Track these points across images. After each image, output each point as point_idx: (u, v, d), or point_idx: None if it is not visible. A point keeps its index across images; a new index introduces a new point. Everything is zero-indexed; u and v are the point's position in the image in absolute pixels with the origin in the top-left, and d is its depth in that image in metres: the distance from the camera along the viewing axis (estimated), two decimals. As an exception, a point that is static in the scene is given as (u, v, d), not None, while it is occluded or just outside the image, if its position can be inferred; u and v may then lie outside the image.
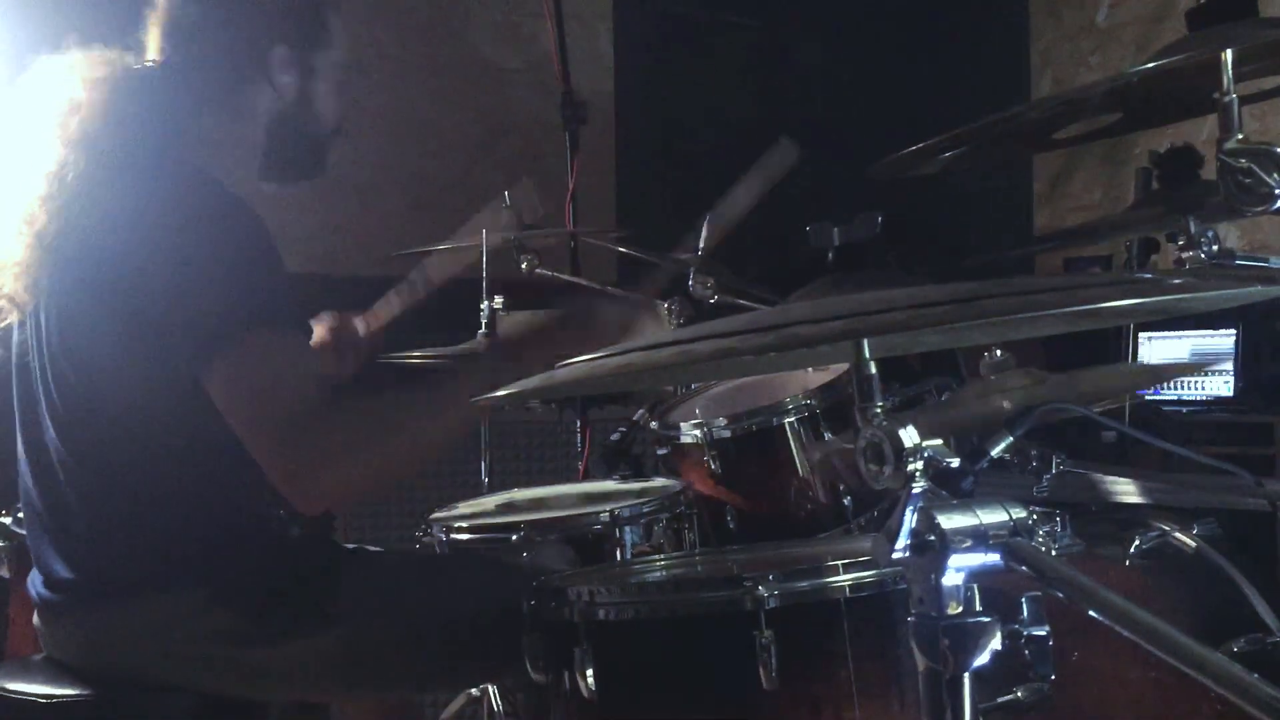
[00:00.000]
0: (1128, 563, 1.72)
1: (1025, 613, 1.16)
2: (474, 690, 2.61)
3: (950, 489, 1.03)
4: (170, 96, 1.79)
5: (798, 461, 2.19)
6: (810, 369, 2.22)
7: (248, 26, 1.84)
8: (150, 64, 1.83)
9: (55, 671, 1.76)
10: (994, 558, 1.00)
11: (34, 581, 1.80)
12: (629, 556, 2.08)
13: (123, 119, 1.74)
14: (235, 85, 1.84)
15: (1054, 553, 1.54)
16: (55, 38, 1.82)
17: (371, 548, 2.05)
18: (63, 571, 1.74)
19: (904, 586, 1.06)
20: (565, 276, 3.22)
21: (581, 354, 1.62)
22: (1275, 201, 1.30)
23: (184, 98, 1.80)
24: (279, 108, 1.87)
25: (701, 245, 2.80)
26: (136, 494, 1.70)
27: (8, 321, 1.82)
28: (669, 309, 2.86)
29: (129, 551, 1.72)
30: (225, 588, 1.71)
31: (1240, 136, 1.32)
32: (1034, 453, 1.53)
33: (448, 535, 2.19)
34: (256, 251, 1.68)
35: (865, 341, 1.06)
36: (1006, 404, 1.52)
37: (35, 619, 1.81)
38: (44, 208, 1.70)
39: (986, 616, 1.01)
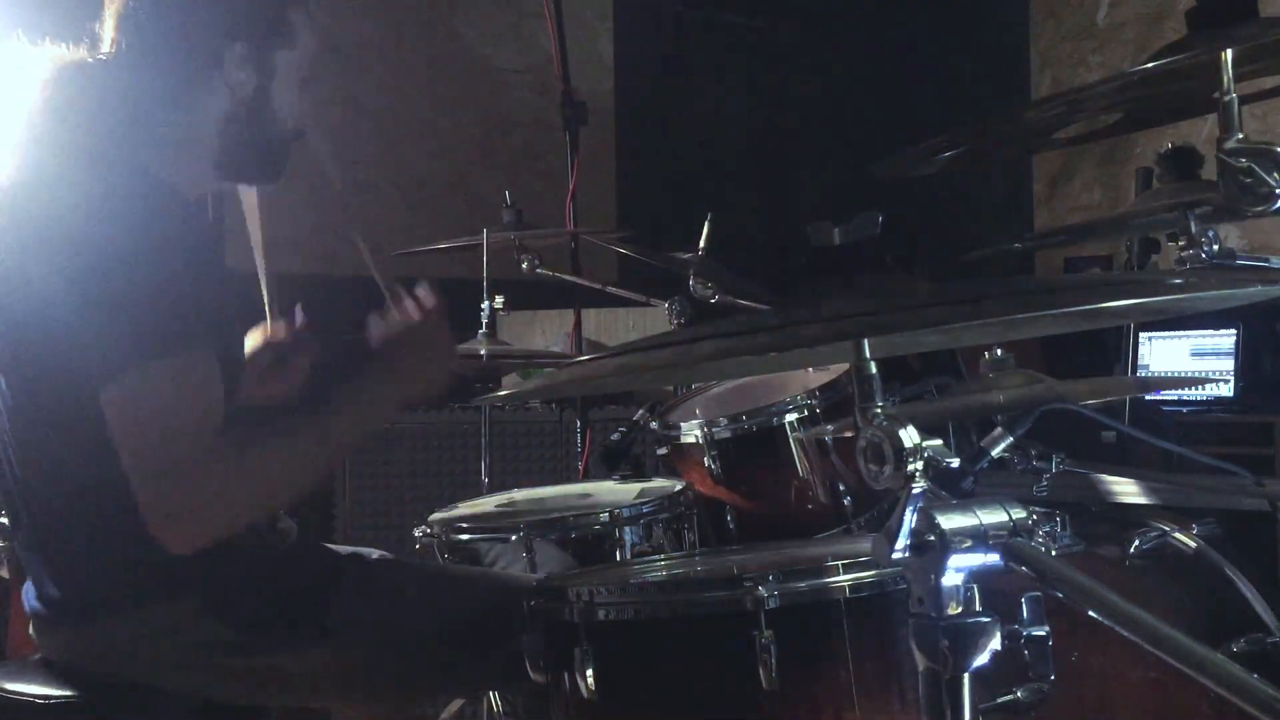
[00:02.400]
0: (1128, 563, 1.72)
1: (1025, 613, 1.16)
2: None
3: (950, 489, 1.03)
4: (122, 90, 1.73)
5: (798, 461, 2.19)
6: (810, 369, 2.22)
7: (204, 19, 1.77)
8: (102, 56, 1.77)
9: (53, 673, 1.76)
10: (994, 558, 1.00)
11: (27, 593, 1.78)
12: (629, 556, 2.08)
13: (69, 118, 1.69)
14: (188, 80, 1.77)
15: (1054, 553, 1.54)
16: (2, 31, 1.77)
17: (366, 551, 2.03)
18: (49, 588, 1.72)
19: (904, 586, 1.06)
20: (565, 276, 3.22)
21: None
22: (1275, 201, 1.30)
23: (136, 91, 1.74)
24: (233, 106, 1.79)
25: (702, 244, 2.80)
26: (107, 507, 1.64)
27: None
28: (669, 309, 2.87)
29: (112, 565, 1.68)
30: (217, 598, 1.69)
31: (1240, 136, 1.32)
32: (1034, 453, 1.53)
33: (447, 535, 2.18)
34: (188, 264, 1.61)
35: (865, 341, 1.06)
36: (1001, 397, 1.52)
37: (30, 629, 1.79)
38: None
39: (986, 616, 1.01)
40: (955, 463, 1.03)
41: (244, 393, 1.88)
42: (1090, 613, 0.97)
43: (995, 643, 1.01)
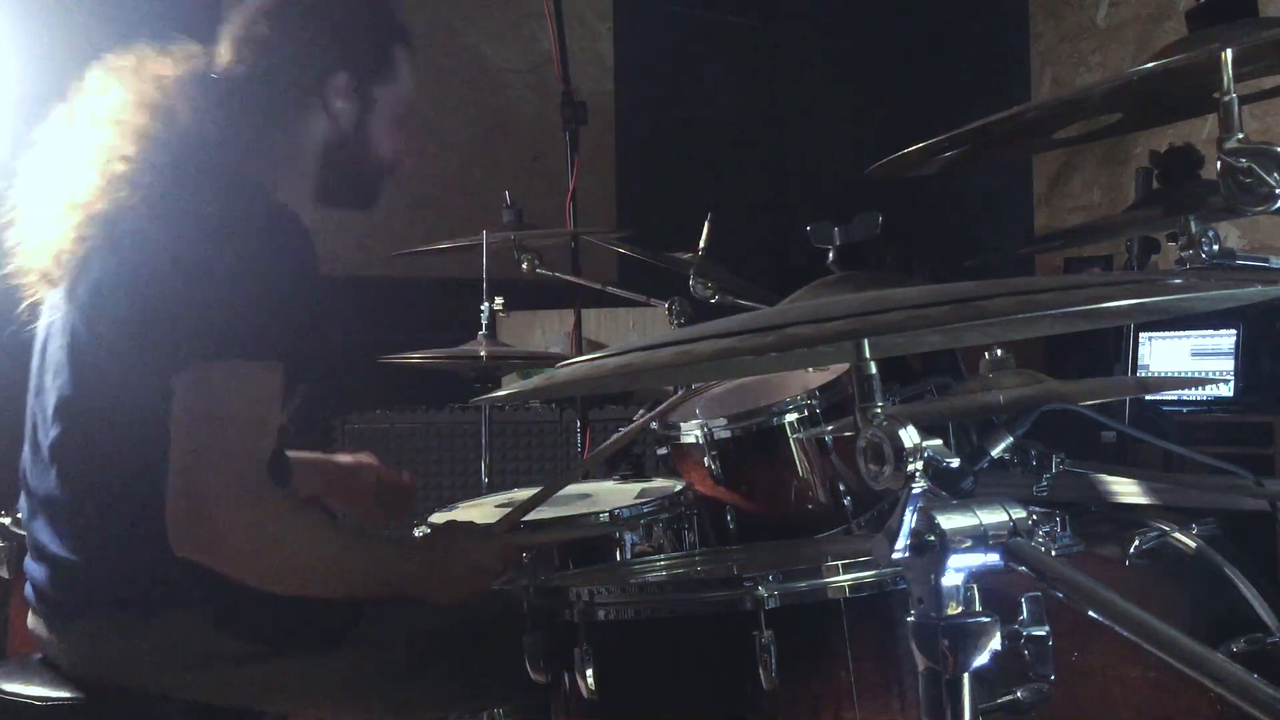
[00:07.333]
0: (1128, 563, 1.72)
1: (1025, 613, 1.16)
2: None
3: (950, 489, 1.03)
4: (233, 107, 1.81)
5: (798, 461, 2.19)
6: (810, 369, 2.22)
7: (312, 48, 1.87)
8: (218, 72, 1.86)
9: (52, 674, 1.76)
10: (994, 558, 1.00)
11: (30, 573, 1.76)
12: (629, 556, 2.08)
13: (185, 121, 1.76)
14: (293, 104, 1.86)
15: (1054, 553, 1.54)
16: (125, 36, 1.85)
17: None
18: (56, 579, 1.71)
19: (904, 586, 1.06)
20: (565, 277, 3.22)
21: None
22: (1275, 201, 1.30)
23: (246, 110, 1.82)
24: (333, 134, 1.89)
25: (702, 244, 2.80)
26: (135, 504, 1.64)
27: (35, 297, 1.80)
28: (669, 309, 2.87)
29: (131, 564, 1.68)
30: (233, 605, 1.68)
31: (1240, 136, 1.32)
32: (1034, 453, 1.53)
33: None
34: (284, 278, 1.64)
35: (865, 341, 1.06)
36: (1001, 398, 1.52)
37: (29, 620, 1.79)
38: (93, 197, 1.70)
39: (986, 616, 1.01)
40: (955, 463, 1.03)
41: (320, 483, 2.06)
42: (1090, 613, 0.97)
43: (995, 643, 1.01)
